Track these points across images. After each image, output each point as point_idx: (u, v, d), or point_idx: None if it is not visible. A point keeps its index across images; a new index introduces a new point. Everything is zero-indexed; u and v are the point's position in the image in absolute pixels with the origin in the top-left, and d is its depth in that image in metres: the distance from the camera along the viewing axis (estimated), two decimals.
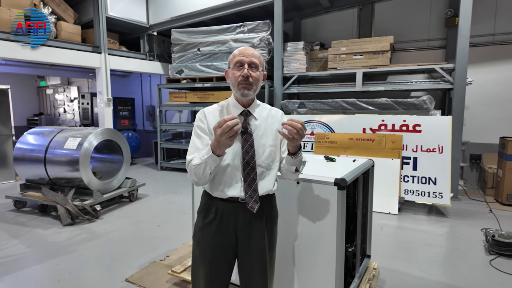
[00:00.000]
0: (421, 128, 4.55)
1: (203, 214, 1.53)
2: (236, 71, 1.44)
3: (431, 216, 4.27)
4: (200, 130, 1.48)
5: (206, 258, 1.50)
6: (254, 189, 1.44)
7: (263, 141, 1.48)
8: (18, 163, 4.71)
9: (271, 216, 1.58)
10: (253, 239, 1.49)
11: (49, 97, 11.74)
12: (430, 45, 5.93)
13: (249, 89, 1.44)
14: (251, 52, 1.46)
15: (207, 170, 1.34)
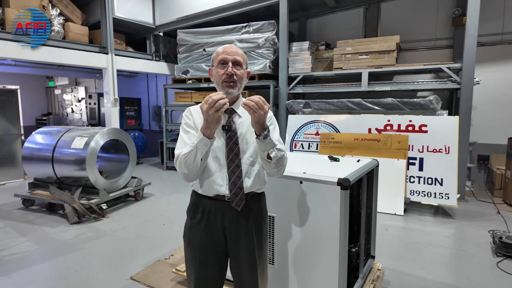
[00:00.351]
0: (427, 128, 4.51)
1: (191, 213, 1.55)
2: (220, 69, 1.44)
3: (437, 217, 4.23)
4: (187, 126, 1.49)
5: (196, 258, 1.51)
6: (239, 186, 1.44)
7: (248, 138, 1.48)
8: (26, 162, 4.78)
9: (259, 214, 1.57)
10: (241, 238, 1.49)
11: (57, 97, 11.90)
12: (437, 44, 5.87)
13: (233, 87, 1.44)
14: (234, 50, 1.46)
15: (198, 156, 1.34)
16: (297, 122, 5.62)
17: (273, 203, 2.05)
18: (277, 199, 2.03)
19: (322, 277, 1.91)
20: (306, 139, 5.37)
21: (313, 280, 1.96)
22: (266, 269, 1.64)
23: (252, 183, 1.49)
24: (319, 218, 1.89)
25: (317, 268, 1.93)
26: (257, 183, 1.52)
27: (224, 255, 1.54)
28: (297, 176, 1.94)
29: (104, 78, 6.93)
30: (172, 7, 7.37)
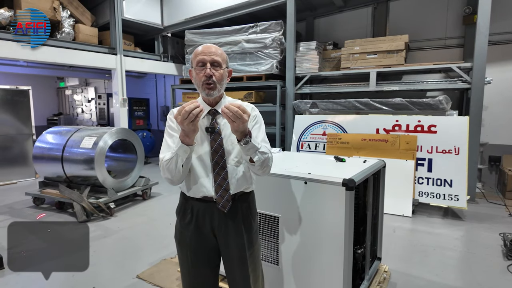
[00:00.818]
0: (436, 128, 4.44)
1: (180, 215, 1.55)
2: (199, 71, 1.42)
3: (446, 219, 4.16)
4: (170, 130, 1.49)
5: (188, 259, 1.52)
6: (225, 188, 1.43)
7: (232, 139, 1.45)
8: (37, 161, 4.87)
9: (248, 213, 1.56)
10: (231, 237, 1.49)
11: (68, 98, 12.09)
12: (447, 43, 5.77)
13: (213, 88, 1.42)
14: (213, 50, 1.42)
15: (179, 163, 1.34)
16: (304, 122, 5.59)
17: (277, 203, 2.06)
18: (282, 200, 2.03)
19: (327, 278, 1.90)
20: (313, 140, 5.35)
21: (318, 281, 1.95)
22: (259, 266, 1.63)
23: (238, 184, 1.48)
24: (324, 219, 1.88)
25: (322, 269, 1.92)
26: (244, 183, 1.51)
27: (216, 254, 1.55)
28: (301, 176, 1.93)
29: (113, 78, 7.01)
30: (180, 8, 7.42)
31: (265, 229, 2.13)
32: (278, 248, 2.08)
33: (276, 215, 2.06)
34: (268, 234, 2.13)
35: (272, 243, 2.12)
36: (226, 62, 1.49)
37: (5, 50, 5.36)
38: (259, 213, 2.13)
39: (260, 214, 2.13)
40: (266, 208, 2.10)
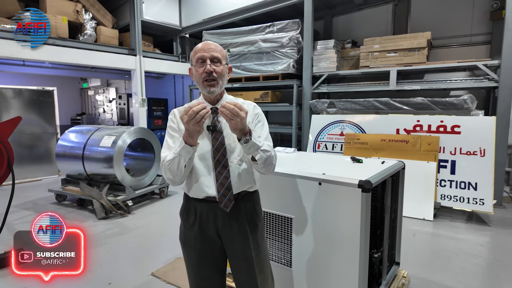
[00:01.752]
0: (460, 129, 4.25)
1: (184, 217, 1.54)
2: (199, 68, 1.41)
3: (470, 224, 3.98)
4: (171, 130, 1.48)
5: (192, 260, 1.50)
6: (227, 187, 1.41)
7: (234, 137, 1.42)
8: (59, 159, 5.04)
9: (252, 213, 1.53)
10: (235, 238, 1.47)
11: (90, 98, 12.48)
12: (473, 40, 5.52)
13: (214, 85, 1.41)
14: (212, 47, 1.42)
15: (181, 163, 1.32)
16: (321, 122, 5.50)
17: (290, 204, 2.02)
18: (295, 201, 1.98)
19: (342, 283, 1.84)
20: (330, 140, 5.25)
21: (332, 285, 1.89)
22: (268, 268, 1.60)
23: (241, 183, 1.46)
24: (339, 221, 1.82)
25: (337, 273, 1.86)
26: (246, 182, 1.48)
27: (222, 255, 1.53)
28: (315, 177, 1.88)
29: (133, 79, 7.17)
30: (198, 8, 7.49)
31: (278, 230, 2.10)
32: (291, 250, 2.04)
33: (289, 216, 2.02)
34: (281, 236, 2.09)
35: (285, 245, 2.08)
36: (226, 58, 1.47)
37: (32, 52, 5.57)
38: (272, 213, 2.11)
39: (273, 215, 2.10)
40: (279, 209, 2.07)
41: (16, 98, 6.40)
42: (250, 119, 1.49)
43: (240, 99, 1.58)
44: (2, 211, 3.04)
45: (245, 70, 6.57)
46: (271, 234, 2.14)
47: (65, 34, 5.96)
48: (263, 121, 1.54)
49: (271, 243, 2.16)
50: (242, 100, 1.57)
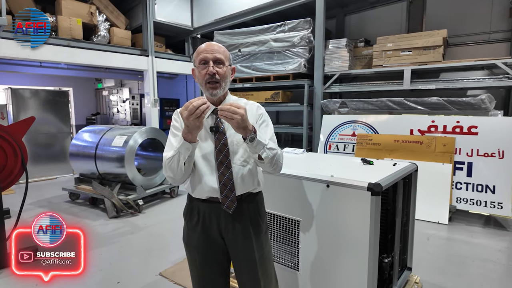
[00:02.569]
0: (477, 130, 4.11)
1: (187, 217, 1.53)
2: (202, 69, 1.39)
3: (487, 228, 3.83)
4: (174, 129, 1.47)
5: (195, 261, 1.50)
6: (230, 188, 1.40)
7: (238, 138, 1.41)
8: (73, 158, 5.14)
9: (255, 214, 1.51)
10: (239, 240, 1.45)
11: (104, 98, 12.71)
12: (491, 38, 5.32)
13: (217, 87, 1.39)
14: (215, 48, 1.40)
15: (181, 161, 1.32)
16: (332, 122, 5.42)
17: (298, 206, 1.98)
18: (302, 203, 1.94)
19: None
20: (342, 140, 5.16)
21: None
22: (271, 270, 1.57)
23: (244, 184, 1.44)
24: (348, 224, 1.77)
25: (345, 278, 1.81)
26: (250, 184, 1.46)
27: (225, 257, 1.52)
28: (323, 179, 1.84)
29: (145, 79, 7.25)
30: (209, 9, 7.51)
31: (284, 233, 2.06)
32: (298, 253, 2.00)
33: (296, 218, 1.98)
34: (288, 238, 2.05)
35: (292, 248, 2.04)
36: (229, 59, 1.45)
37: (48, 53, 5.70)
38: (278, 215, 2.07)
39: (280, 216, 2.06)
40: (286, 211, 2.03)
41: (33, 98, 6.57)
42: (253, 120, 1.47)
43: (243, 100, 1.56)
44: (18, 208, 3.11)
45: (256, 70, 6.54)
46: (277, 236, 2.11)
47: (80, 36, 6.07)
48: (267, 121, 1.52)
49: (277, 245, 2.12)
50: (245, 101, 1.56)
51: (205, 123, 1.43)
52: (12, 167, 3.12)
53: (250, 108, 1.52)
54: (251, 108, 1.52)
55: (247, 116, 1.37)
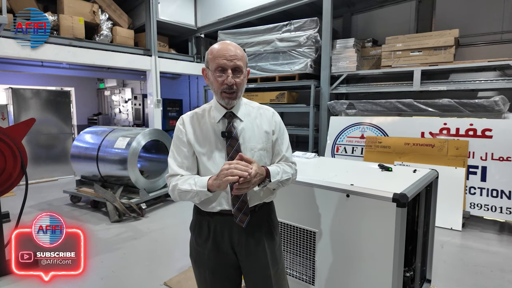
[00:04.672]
0: (492, 133, 3.97)
1: (195, 232, 1.42)
2: (219, 77, 1.26)
3: (503, 235, 3.70)
4: (179, 142, 1.36)
5: (206, 280, 1.39)
6: (242, 200, 1.29)
7: (252, 144, 1.32)
8: (74, 160, 5.02)
9: (269, 227, 1.41)
10: (252, 255, 1.35)
11: (106, 98, 12.61)
12: (504, 38, 5.18)
13: (234, 98, 1.29)
14: (233, 54, 1.26)
15: (195, 200, 1.28)
16: (340, 124, 5.29)
17: (314, 217, 1.85)
18: (319, 213, 1.82)
19: None
20: (350, 143, 5.03)
21: None
22: (286, 285, 1.47)
23: (257, 195, 1.34)
24: (369, 238, 1.64)
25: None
26: (264, 194, 1.36)
27: (237, 273, 1.41)
28: (343, 188, 1.71)
29: (148, 79, 7.13)
30: (213, 8, 7.39)
31: (299, 244, 1.94)
32: (314, 266, 1.88)
33: (312, 229, 1.85)
34: (303, 250, 1.93)
35: (307, 260, 1.91)
36: (246, 64, 1.34)
37: (49, 53, 5.59)
38: (292, 226, 1.95)
39: (294, 227, 1.94)
40: (301, 221, 1.90)
41: (34, 99, 6.47)
42: (269, 128, 1.38)
43: (255, 103, 1.47)
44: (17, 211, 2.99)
45: (261, 70, 6.42)
46: (290, 248, 1.99)
47: (82, 35, 5.96)
48: (283, 130, 1.43)
49: (290, 257, 2.00)
50: (258, 105, 1.46)
51: (216, 128, 1.33)
52: (11, 170, 3.01)
53: (264, 113, 1.42)
54: (265, 113, 1.42)
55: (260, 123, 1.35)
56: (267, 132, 1.37)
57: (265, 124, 1.38)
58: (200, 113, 1.39)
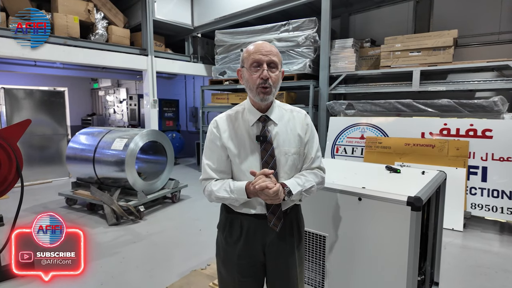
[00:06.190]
0: (492, 133, 3.98)
1: (226, 231, 1.39)
2: (254, 73, 1.25)
3: (504, 235, 3.70)
4: (212, 145, 1.36)
5: (235, 280, 1.37)
6: (276, 204, 1.29)
7: (286, 148, 1.32)
8: (70, 162, 4.91)
9: (299, 227, 1.43)
10: (282, 256, 1.35)
11: (101, 99, 12.45)
12: (501, 39, 5.21)
13: (269, 93, 1.27)
14: (269, 50, 1.26)
15: (235, 204, 1.31)
16: (339, 124, 5.27)
17: (324, 220, 1.81)
18: (329, 217, 1.78)
19: None
20: (350, 143, 5.01)
21: None
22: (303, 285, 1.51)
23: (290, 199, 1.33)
24: (382, 242, 1.61)
25: None
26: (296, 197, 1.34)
27: (262, 270, 1.40)
28: (355, 191, 1.67)
29: (144, 79, 7.03)
30: (210, 7, 7.32)
31: (308, 248, 1.89)
32: (323, 271, 1.83)
33: (322, 234, 1.81)
34: (312, 255, 1.88)
35: (317, 265, 1.87)
36: (282, 62, 1.33)
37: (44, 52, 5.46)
38: None
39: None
40: (311, 225, 1.86)
41: (27, 99, 6.33)
42: (300, 129, 1.37)
43: (287, 105, 1.44)
44: (13, 215, 2.90)
45: None
46: None
47: (77, 34, 5.84)
48: (314, 134, 1.42)
49: None
50: (290, 107, 1.43)
51: (250, 131, 1.32)
52: (6, 174, 2.91)
53: (297, 116, 1.40)
54: (297, 116, 1.41)
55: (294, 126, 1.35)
56: (300, 136, 1.36)
57: (298, 127, 1.38)
58: (233, 115, 1.38)
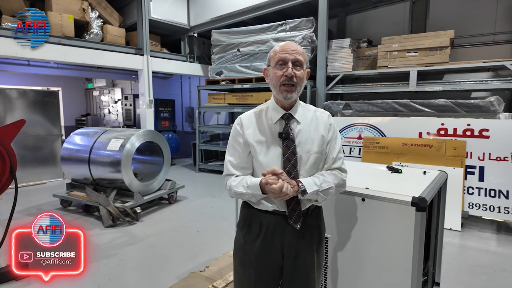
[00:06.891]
0: (489, 133, 3.99)
1: (244, 229, 1.38)
2: (279, 70, 1.27)
3: (501, 235, 3.72)
4: (235, 143, 1.37)
5: (251, 279, 1.35)
6: (296, 202, 1.28)
7: (308, 147, 1.32)
8: (64, 163, 4.84)
9: (320, 229, 1.41)
10: (301, 257, 1.33)
11: (95, 99, 12.32)
12: (496, 39, 5.26)
13: (293, 91, 1.28)
14: (294, 48, 1.28)
15: (252, 200, 1.31)
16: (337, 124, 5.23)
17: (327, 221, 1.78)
18: (332, 218, 1.75)
19: None
20: (348, 143, 5.01)
21: None
22: None
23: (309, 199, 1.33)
24: (386, 243, 1.59)
25: None
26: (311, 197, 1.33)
27: (279, 273, 1.37)
28: (358, 192, 1.65)
29: (140, 79, 6.96)
30: (207, 7, 7.28)
31: None
32: (326, 273, 1.81)
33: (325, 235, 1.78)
34: None
35: None
36: (307, 62, 1.34)
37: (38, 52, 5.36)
38: None
39: None
40: None
41: (20, 99, 6.23)
42: (324, 132, 1.37)
43: (311, 106, 1.45)
44: (6, 216, 2.84)
45: (256, 70, 6.35)
46: None
47: (71, 33, 5.76)
48: (337, 135, 1.43)
49: None
50: (314, 108, 1.45)
51: (273, 129, 1.33)
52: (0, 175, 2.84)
53: (320, 116, 1.42)
54: (321, 116, 1.42)
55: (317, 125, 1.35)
56: (323, 136, 1.36)
57: (321, 127, 1.38)
58: (257, 112, 1.41)
